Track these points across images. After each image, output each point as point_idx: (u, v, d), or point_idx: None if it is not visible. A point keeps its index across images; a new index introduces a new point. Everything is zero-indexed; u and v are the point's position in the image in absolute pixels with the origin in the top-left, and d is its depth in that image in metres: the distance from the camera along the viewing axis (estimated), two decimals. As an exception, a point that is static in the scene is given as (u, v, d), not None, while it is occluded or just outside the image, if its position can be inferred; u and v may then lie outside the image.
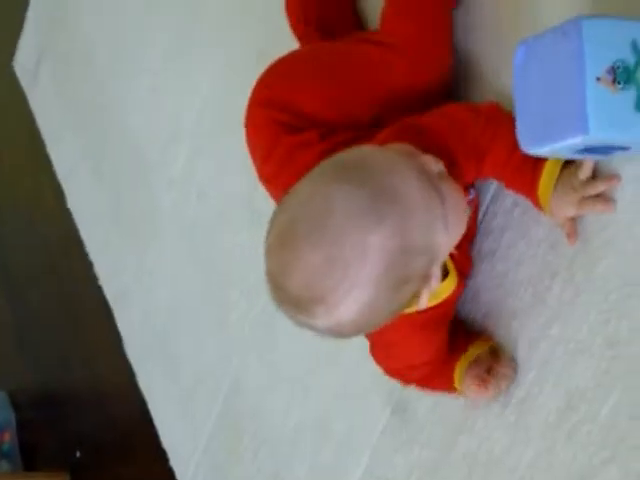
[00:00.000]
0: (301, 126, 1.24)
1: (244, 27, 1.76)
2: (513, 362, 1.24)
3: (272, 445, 1.73)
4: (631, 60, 0.96)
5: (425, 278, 1.05)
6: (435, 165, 1.08)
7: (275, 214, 1.06)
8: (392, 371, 1.34)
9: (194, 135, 1.90)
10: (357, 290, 1.00)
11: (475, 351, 1.27)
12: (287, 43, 1.47)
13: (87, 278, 2.38)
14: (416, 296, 1.06)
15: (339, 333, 1.08)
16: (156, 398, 2.14)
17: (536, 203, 1.14)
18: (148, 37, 2.08)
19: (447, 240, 1.08)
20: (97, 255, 2.36)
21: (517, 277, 1.23)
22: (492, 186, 1.25)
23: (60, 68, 2.50)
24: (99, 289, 2.34)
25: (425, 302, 1.07)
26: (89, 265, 2.38)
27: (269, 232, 1.05)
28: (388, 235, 0.99)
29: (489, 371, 1.24)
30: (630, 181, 1.08)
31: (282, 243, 1.02)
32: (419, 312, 1.11)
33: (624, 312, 1.10)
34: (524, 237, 1.21)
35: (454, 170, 1.12)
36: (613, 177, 1.09)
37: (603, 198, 1.10)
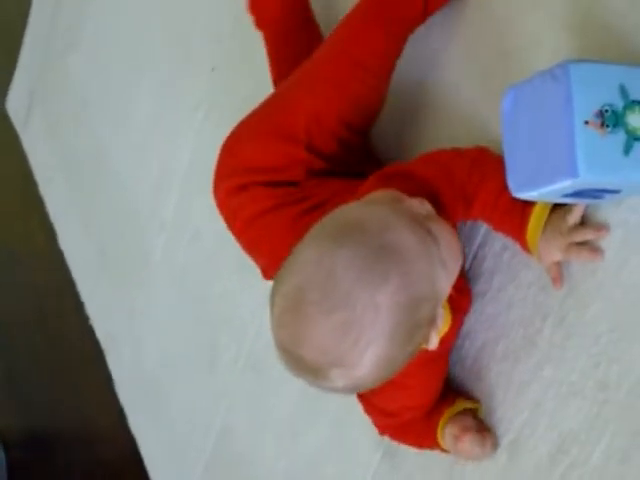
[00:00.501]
0: (270, 179, 1.27)
1: (236, 73, 1.77)
2: (495, 438, 1.25)
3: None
4: (619, 104, 0.96)
5: (432, 321, 1.06)
6: (421, 207, 1.09)
7: (278, 282, 1.07)
8: (376, 412, 1.33)
9: (185, 179, 1.91)
10: (372, 348, 1.01)
11: (462, 405, 1.27)
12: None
13: (78, 318, 2.37)
14: (425, 339, 1.07)
15: (357, 389, 1.12)
16: (147, 440, 2.13)
17: (524, 246, 1.14)
18: (139, 82, 2.09)
19: (447, 279, 1.09)
20: (88, 296, 2.36)
21: (508, 319, 1.22)
22: (481, 230, 1.25)
23: (51, 111, 2.50)
24: (90, 329, 2.34)
25: (435, 342, 1.09)
26: (80, 305, 2.37)
27: (274, 300, 1.06)
28: (394, 290, 1.01)
29: (476, 429, 1.24)
30: (618, 226, 1.08)
31: (292, 312, 1.03)
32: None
33: (614, 356, 1.09)
34: (514, 280, 1.21)
35: (442, 213, 1.13)
36: (602, 227, 1.09)
37: (590, 246, 1.10)
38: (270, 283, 1.11)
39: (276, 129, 1.29)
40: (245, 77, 1.74)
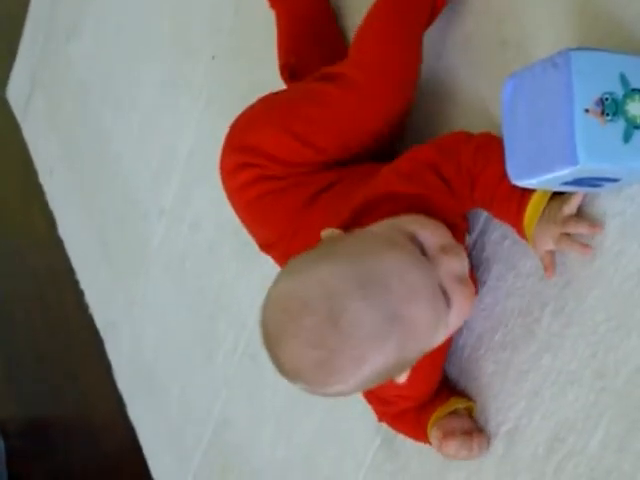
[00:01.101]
0: (273, 171, 1.27)
1: (236, 63, 1.77)
2: (485, 439, 1.25)
3: (259, 479, 1.72)
4: (619, 92, 0.96)
5: (411, 363, 1.11)
6: (442, 238, 1.10)
7: (289, 276, 1.09)
8: (373, 398, 1.34)
9: (186, 167, 1.91)
10: (343, 385, 1.06)
11: (454, 404, 1.26)
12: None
13: (77, 307, 2.37)
14: (398, 375, 1.12)
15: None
16: (145, 429, 2.13)
17: (521, 234, 1.13)
18: (140, 70, 2.09)
19: (445, 335, 1.12)
20: (87, 284, 2.36)
21: (506, 308, 1.23)
22: (481, 218, 1.25)
23: (52, 99, 2.50)
24: (90, 318, 2.34)
25: (404, 379, 1.12)
26: (80, 294, 2.37)
27: (279, 287, 1.08)
28: (388, 354, 1.04)
29: (465, 433, 1.24)
30: (616, 214, 1.08)
31: (286, 318, 1.05)
32: None
33: (612, 345, 1.10)
34: (513, 269, 1.21)
35: (453, 199, 1.14)
36: (597, 224, 1.09)
37: (583, 241, 1.10)
38: (265, 259, 1.11)
39: (300, 131, 1.26)
40: (245, 67, 1.74)
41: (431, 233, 1.10)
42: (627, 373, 1.08)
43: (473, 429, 1.24)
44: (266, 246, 1.33)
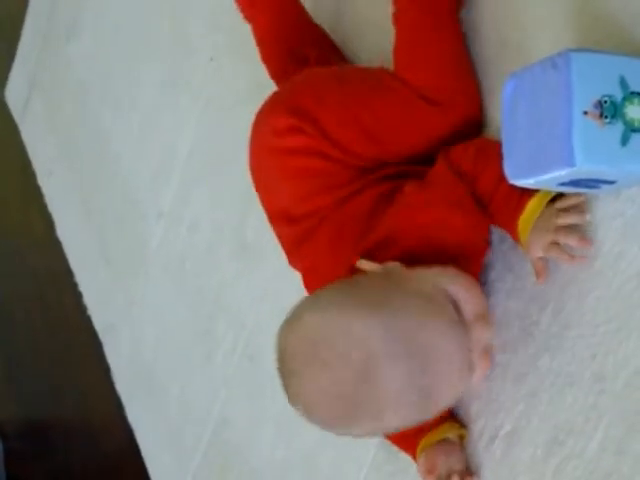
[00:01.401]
0: (324, 148, 1.21)
1: (236, 63, 1.77)
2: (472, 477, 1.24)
3: (259, 479, 1.72)
4: (618, 95, 0.96)
5: None
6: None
7: (316, 308, 1.09)
8: None
9: (184, 168, 1.90)
10: (354, 432, 1.10)
11: (446, 431, 1.26)
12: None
13: (77, 308, 2.37)
14: None
15: None
16: (144, 430, 2.13)
17: (516, 239, 1.13)
18: (139, 71, 2.09)
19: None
20: (86, 286, 2.36)
21: (506, 310, 1.22)
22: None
23: (51, 101, 2.50)
24: (89, 319, 2.34)
25: None
26: (79, 295, 2.37)
27: (297, 325, 1.07)
28: (406, 417, 1.07)
29: (447, 475, 1.23)
30: (617, 216, 1.08)
31: (311, 359, 1.05)
32: None
33: (611, 347, 1.09)
34: (512, 270, 1.21)
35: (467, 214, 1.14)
36: (587, 240, 1.09)
37: (572, 253, 1.10)
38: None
39: (369, 123, 1.21)
40: (245, 67, 1.73)
41: (469, 296, 1.10)
42: (626, 375, 1.08)
43: (457, 470, 1.24)
44: (277, 216, 1.29)
